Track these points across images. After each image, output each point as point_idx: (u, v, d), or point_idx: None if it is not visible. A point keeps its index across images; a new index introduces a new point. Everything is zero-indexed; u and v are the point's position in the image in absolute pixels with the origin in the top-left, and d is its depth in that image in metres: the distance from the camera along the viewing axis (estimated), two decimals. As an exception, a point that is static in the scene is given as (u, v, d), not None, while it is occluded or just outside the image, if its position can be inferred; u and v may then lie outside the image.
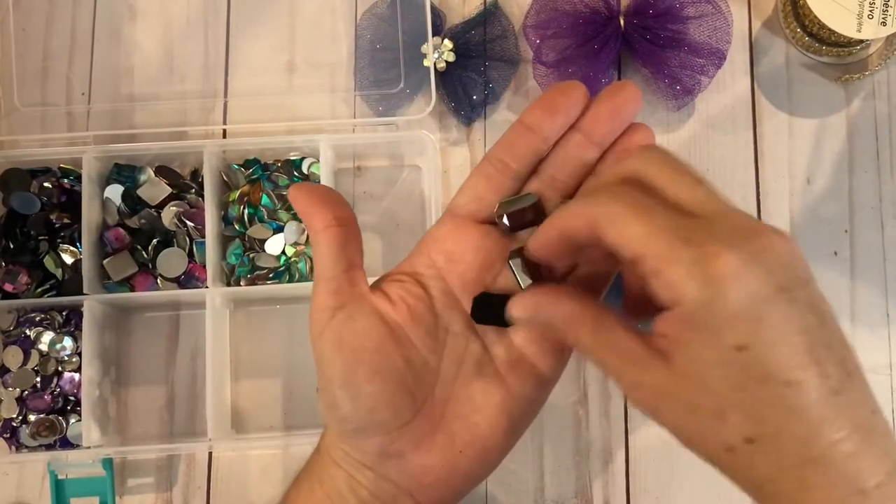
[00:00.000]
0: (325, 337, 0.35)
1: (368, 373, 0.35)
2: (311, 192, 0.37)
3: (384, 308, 0.36)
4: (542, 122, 0.36)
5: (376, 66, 0.56)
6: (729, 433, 0.30)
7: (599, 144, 0.37)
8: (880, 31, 0.52)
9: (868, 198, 0.55)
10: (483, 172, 0.37)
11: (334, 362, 0.35)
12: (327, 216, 0.36)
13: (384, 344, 0.35)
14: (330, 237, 0.36)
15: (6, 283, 0.52)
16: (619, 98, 0.36)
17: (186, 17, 0.58)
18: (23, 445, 0.51)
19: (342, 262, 0.36)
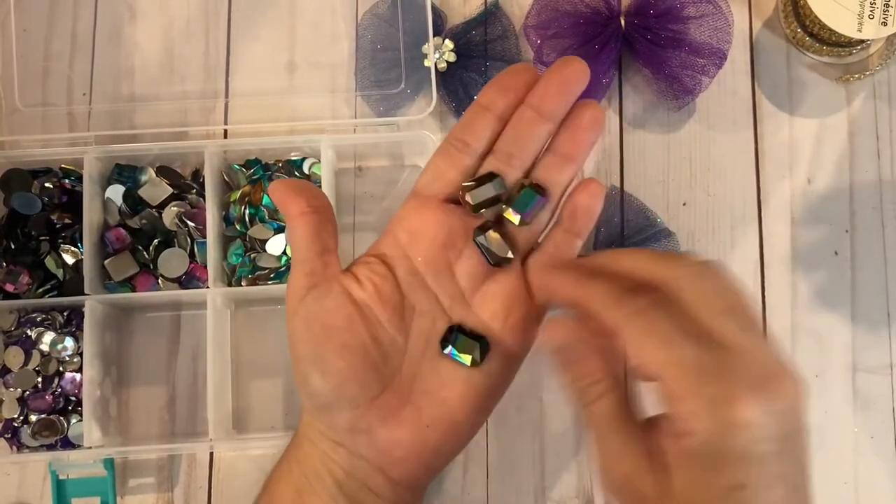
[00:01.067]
0: (297, 315, 0.37)
1: (336, 348, 0.36)
2: (286, 184, 0.38)
3: (352, 288, 0.38)
4: (495, 100, 0.38)
5: (377, 66, 0.56)
6: None
7: (550, 119, 0.38)
8: (881, 30, 0.52)
9: (869, 198, 0.55)
10: (444, 152, 0.39)
11: (305, 339, 0.37)
12: (301, 203, 0.38)
13: (352, 321, 0.37)
14: (305, 223, 0.38)
15: (7, 284, 0.52)
16: (565, 73, 0.38)
17: (187, 17, 0.58)
18: (24, 446, 0.52)
19: (316, 246, 0.38)
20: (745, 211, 0.55)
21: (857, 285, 0.54)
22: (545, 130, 0.38)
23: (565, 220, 0.40)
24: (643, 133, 0.56)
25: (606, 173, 0.55)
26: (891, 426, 0.53)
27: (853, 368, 0.53)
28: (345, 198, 0.56)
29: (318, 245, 0.38)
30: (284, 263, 0.53)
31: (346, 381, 0.37)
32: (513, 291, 0.39)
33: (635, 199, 0.54)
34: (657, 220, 0.54)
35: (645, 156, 0.56)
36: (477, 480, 0.53)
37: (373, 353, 0.37)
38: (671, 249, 0.53)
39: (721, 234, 0.55)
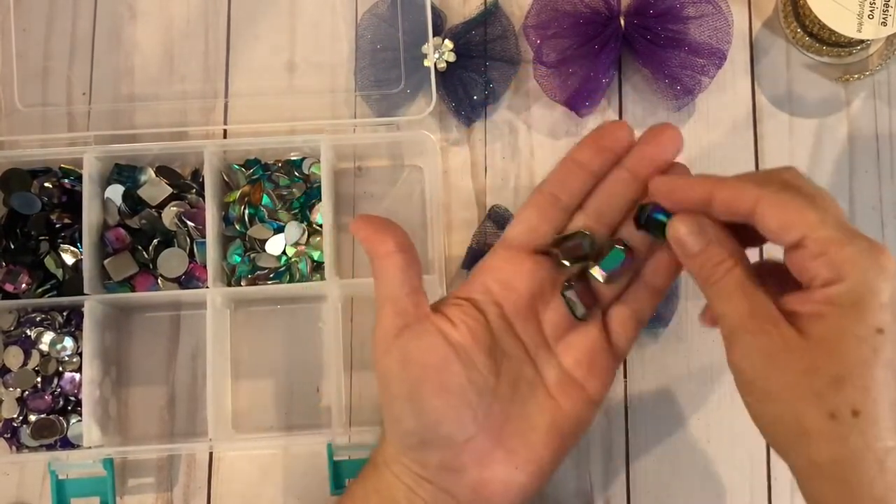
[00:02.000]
0: (391, 355, 0.38)
1: (434, 388, 0.37)
2: (370, 222, 0.40)
3: (446, 328, 0.39)
4: (591, 159, 0.40)
5: (377, 66, 0.56)
6: (841, 400, 0.33)
7: (643, 182, 0.40)
8: (881, 31, 0.52)
9: (868, 198, 0.55)
10: (535, 204, 0.41)
11: (401, 378, 0.37)
12: (389, 243, 0.39)
13: (448, 361, 0.38)
14: (394, 262, 0.39)
15: (7, 284, 0.52)
16: (662, 138, 0.40)
17: (187, 17, 0.58)
18: (23, 445, 0.52)
19: (406, 286, 0.39)
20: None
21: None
22: (636, 192, 0.40)
23: (648, 276, 0.41)
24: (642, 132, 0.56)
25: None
26: None
27: (853, 368, 0.53)
28: (344, 198, 0.56)
29: (407, 284, 0.39)
30: (284, 263, 0.53)
31: (442, 421, 0.38)
32: (594, 343, 0.41)
33: (635, 200, 0.54)
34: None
35: (644, 156, 0.56)
36: (476, 480, 0.53)
37: (468, 394, 0.38)
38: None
39: (721, 234, 0.55)
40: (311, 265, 0.53)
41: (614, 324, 0.41)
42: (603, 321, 0.42)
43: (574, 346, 0.41)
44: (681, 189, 0.38)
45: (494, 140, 0.56)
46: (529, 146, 0.56)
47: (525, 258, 0.40)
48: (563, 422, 0.40)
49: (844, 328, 0.34)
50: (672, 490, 0.52)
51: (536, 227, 0.40)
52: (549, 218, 0.40)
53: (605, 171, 0.40)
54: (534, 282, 0.40)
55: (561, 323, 0.41)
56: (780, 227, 0.35)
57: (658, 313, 0.52)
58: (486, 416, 0.39)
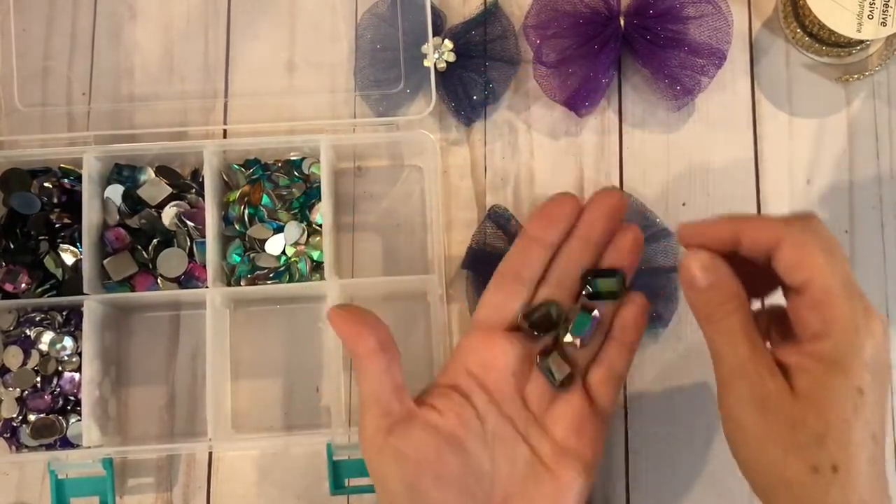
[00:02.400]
0: (384, 455, 0.38)
1: (433, 481, 0.38)
2: (350, 315, 0.40)
3: (435, 420, 0.39)
4: (544, 234, 0.43)
5: (376, 66, 0.56)
6: (823, 456, 0.35)
7: (598, 245, 0.43)
8: (880, 31, 0.52)
9: (868, 198, 0.55)
10: (500, 287, 0.42)
11: (398, 477, 0.38)
12: (371, 340, 0.39)
13: (443, 452, 0.39)
14: (376, 362, 0.39)
15: (6, 283, 0.52)
16: (608, 204, 0.43)
17: (186, 17, 0.58)
18: (23, 445, 0.51)
19: (389, 384, 0.39)
20: (745, 211, 0.55)
21: (856, 285, 0.54)
22: (592, 256, 0.44)
23: (617, 334, 0.44)
24: (642, 133, 0.56)
25: (606, 173, 0.55)
26: (889, 426, 0.53)
27: (852, 369, 0.53)
28: (344, 198, 0.56)
29: (390, 383, 0.39)
30: (283, 263, 0.53)
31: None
32: (580, 409, 0.42)
33: (634, 200, 0.54)
34: (656, 220, 0.54)
35: (644, 156, 0.56)
36: (476, 480, 0.53)
37: (467, 481, 0.39)
38: (670, 250, 0.53)
39: (720, 234, 0.55)
40: (311, 265, 0.53)
41: (595, 385, 0.43)
42: (583, 386, 0.43)
43: (561, 416, 0.42)
44: (709, 229, 0.40)
45: (494, 140, 0.56)
46: (529, 146, 0.56)
47: (499, 337, 0.42)
48: (565, 492, 0.40)
49: (828, 385, 0.36)
50: (672, 490, 0.52)
51: (503, 305, 0.42)
52: (514, 295, 0.42)
53: (560, 242, 0.43)
54: (511, 359, 0.42)
55: (544, 395, 0.42)
56: (793, 264, 0.37)
57: (658, 313, 0.52)
58: (487, 500, 0.39)
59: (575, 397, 0.42)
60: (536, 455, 0.41)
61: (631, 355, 0.44)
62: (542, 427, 0.42)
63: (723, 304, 0.39)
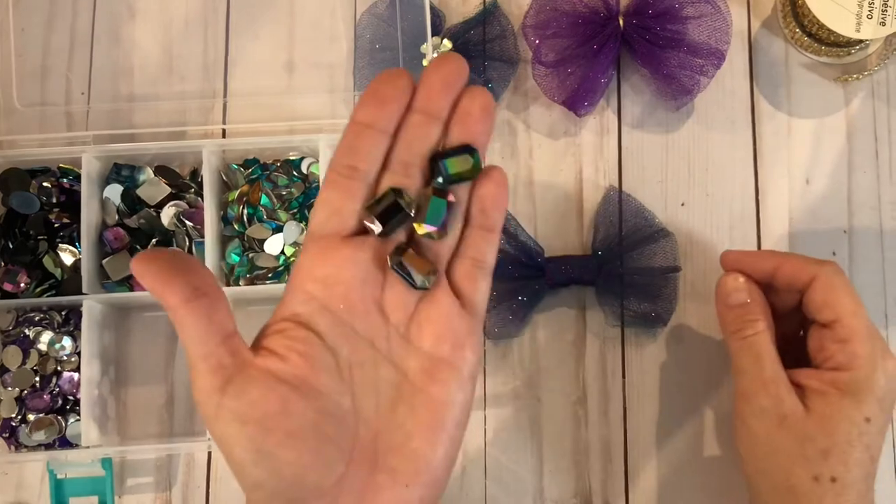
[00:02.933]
0: (222, 418, 0.32)
1: (281, 439, 0.32)
2: (156, 262, 0.32)
3: (275, 366, 0.33)
4: (376, 116, 0.34)
5: (375, 65, 0.56)
6: (825, 468, 0.42)
7: (440, 118, 0.35)
8: (879, 31, 0.52)
9: (867, 198, 0.55)
10: (333, 184, 0.35)
11: (240, 440, 0.32)
12: (184, 289, 0.32)
13: (288, 402, 0.32)
14: (193, 311, 0.32)
15: (5, 283, 0.52)
16: (445, 69, 0.35)
17: (186, 16, 0.58)
18: (22, 445, 0.52)
19: (215, 335, 0.32)
20: (744, 211, 0.55)
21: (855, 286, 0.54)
22: (436, 131, 0.35)
23: (477, 218, 0.36)
24: (642, 133, 0.56)
25: (605, 173, 0.55)
26: (889, 426, 0.53)
27: (851, 369, 0.54)
28: (343, 197, 0.55)
29: (216, 333, 0.32)
30: (283, 263, 0.54)
31: (305, 472, 0.32)
32: (447, 309, 0.35)
33: (633, 200, 0.54)
34: (655, 220, 0.54)
35: (643, 156, 0.56)
36: (476, 481, 0.53)
37: (324, 429, 0.33)
38: (669, 250, 0.53)
39: (719, 234, 0.55)
40: (310, 265, 0.53)
41: (460, 280, 0.36)
42: (448, 284, 0.36)
43: (427, 322, 0.35)
44: (752, 261, 0.47)
45: (493, 140, 0.56)
46: (528, 146, 0.56)
47: (339, 245, 0.34)
48: (444, 412, 0.34)
49: (841, 411, 0.42)
50: (672, 490, 0.52)
51: (340, 207, 0.34)
52: (352, 193, 0.34)
53: (396, 123, 0.35)
54: (358, 268, 0.34)
55: (405, 302, 0.35)
56: (824, 303, 0.44)
57: (657, 313, 0.52)
58: (353, 443, 0.33)
59: (441, 297, 0.35)
60: (403, 375, 0.35)
61: (495, 240, 0.37)
62: (407, 339, 0.35)
63: (753, 322, 0.45)
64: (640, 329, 0.53)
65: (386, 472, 0.33)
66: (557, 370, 0.54)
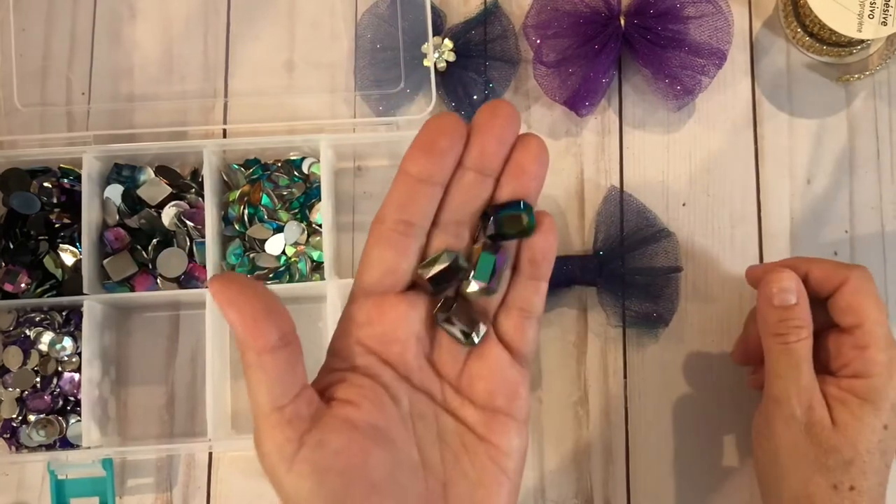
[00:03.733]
0: (297, 472, 0.30)
1: (366, 491, 0.31)
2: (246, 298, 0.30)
3: (353, 414, 0.32)
4: (430, 170, 0.33)
5: (376, 65, 0.56)
6: (844, 477, 0.43)
7: (493, 174, 0.34)
8: (881, 30, 0.52)
9: (868, 198, 0.55)
10: (386, 241, 0.34)
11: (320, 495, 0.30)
12: (273, 334, 0.30)
13: (369, 453, 0.31)
14: (278, 360, 0.30)
15: (6, 284, 0.52)
16: (497, 122, 0.33)
17: (186, 16, 0.58)
18: (23, 446, 0.51)
19: (295, 387, 0.31)
20: (745, 211, 0.55)
21: (856, 285, 0.54)
22: (489, 188, 0.34)
23: (526, 268, 0.36)
24: (643, 133, 0.56)
25: (606, 173, 0.55)
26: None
27: (853, 369, 0.53)
28: (344, 197, 0.55)
29: (293, 385, 0.31)
30: (283, 263, 0.53)
31: None
32: (497, 362, 0.35)
33: (635, 200, 0.54)
34: (656, 221, 0.54)
35: (644, 156, 0.56)
36: (476, 481, 0.53)
37: (403, 480, 0.32)
38: (670, 250, 0.53)
39: (720, 234, 0.55)
40: (311, 265, 0.53)
41: (510, 332, 0.36)
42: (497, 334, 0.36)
43: (478, 376, 0.35)
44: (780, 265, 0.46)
45: (494, 140, 0.56)
46: (529, 146, 0.56)
47: (395, 302, 0.34)
48: (505, 460, 0.34)
49: (863, 419, 0.43)
50: (672, 490, 0.52)
51: (394, 266, 0.34)
52: (407, 251, 0.34)
53: (448, 177, 0.34)
54: (413, 326, 0.34)
55: (455, 357, 0.35)
56: (849, 307, 0.44)
57: (658, 313, 0.52)
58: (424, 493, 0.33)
59: (490, 351, 0.35)
60: (463, 424, 0.35)
61: (543, 289, 0.36)
62: (461, 392, 0.35)
63: (798, 329, 0.44)
64: (641, 329, 0.53)
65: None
66: (559, 370, 0.53)
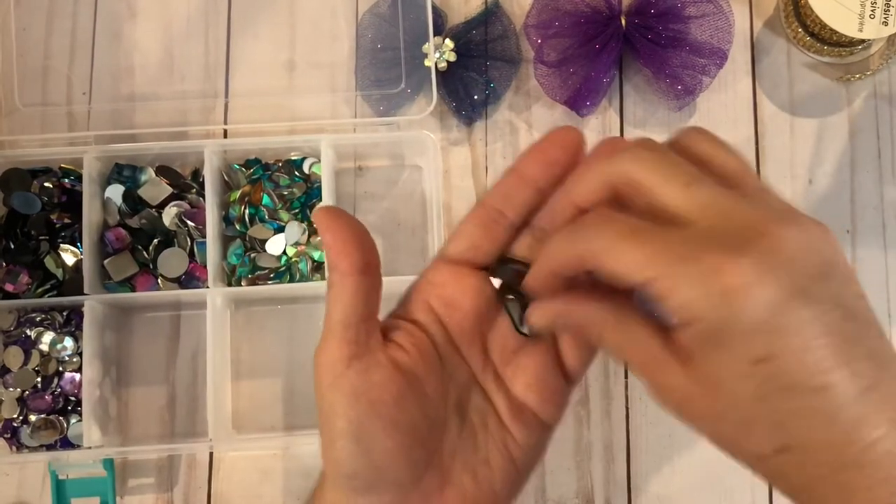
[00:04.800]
0: (338, 387, 0.33)
1: (386, 426, 0.33)
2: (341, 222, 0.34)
3: (401, 358, 0.35)
4: (538, 174, 0.35)
5: (377, 65, 0.56)
6: (757, 444, 0.30)
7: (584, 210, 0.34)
8: (882, 30, 0.52)
9: (869, 198, 0.55)
10: (478, 219, 0.36)
11: (348, 414, 0.33)
12: (358, 260, 0.33)
13: (403, 396, 0.34)
14: (358, 283, 0.34)
15: (7, 284, 0.52)
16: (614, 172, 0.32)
17: (187, 16, 0.58)
18: (23, 446, 0.51)
19: (364, 312, 0.34)
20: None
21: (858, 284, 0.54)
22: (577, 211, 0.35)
23: None
24: (644, 133, 0.56)
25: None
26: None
27: (854, 369, 0.53)
28: (345, 197, 0.55)
29: (365, 310, 0.34)
30: (284, 263, 0.53)
31: (393, 463, 0.34)
32: (544, 365, 0.36)
33: (636, 199, 0.54)
34: (658, 220, 0.54)
35: (645, 156, 0.56)
36: (477, 481, 0.53)
37: (422, 430, 0.34)
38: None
39: (722, 234, 0.55)
40: (312, 265, 0.53)
41: (564, 346, 0.36)
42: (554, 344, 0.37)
43: (523, 369, 0.36)
44: None
45: (495, 140, 0.56)
46: (530, 146, 0.56)
47: (468, 274, 0.36)
48: (518, 452, 0.36)
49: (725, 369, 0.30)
50: (672, 490, 0.52)
51: (479, 244, 0.36)
52: (493, 236, 0.36)
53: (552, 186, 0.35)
54: (479, 300, 0.36)
55: (507, 345, 0.37)
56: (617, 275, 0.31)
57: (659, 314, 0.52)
58: (436, 451, 0.35)
59: (541, 351, 0.36)
60: (492, 407, 0.36)
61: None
62: (502, 379, 0.37)
63: None
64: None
65: (455, 487, 0.35)
66: (559, 370, 0.53)
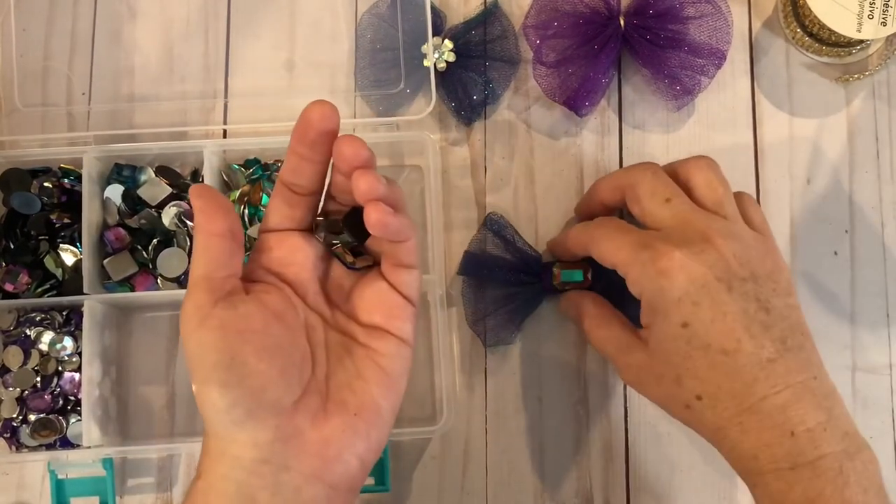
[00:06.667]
0: (206, 325, 0.36)
1: (256, 350, 0.36)
2: (212, 196, 0.38)
3: (264, 297, 0.38)
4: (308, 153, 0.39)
5: (376, 66, 0.56)
6: (684, 394, 0.41)
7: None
8: (880, 31, 0.52)
9: (868, 198, 0.55)
10: (281, 195, 0.40)
11: (218, 347, 0.36)
12: (223, 224, 0.37)
13: (269, 324, 0.37)
14: (221, 244, 0.37)
15: (6, 283, 0.52)
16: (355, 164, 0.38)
17: (187, 17, 0.58)
18: (23, 445, 0.52)
19: (226, 269, 0.37)
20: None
21: (856, 285, 0.54)
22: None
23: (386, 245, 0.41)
24: (642, 133, 0.56)
25: (606, 173, 0.55)
26: (890, 426, 0.53)
27: (852, 369, 0.53)
28: (344, 198, 0.55)
29: (227, 268, 0.37)
30: (284, 263, 0.53)
31: (268, 386, 0.36)
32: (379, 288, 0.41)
33: (635, 199, 0.54)
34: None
35: (644, 156, 0.56)
36: (476, 480, 0.53)
37: (292, 354, 0.38)
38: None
39: (720, 234, 0.55)
40: (311, 265, 0.53)
41: (386, 271, 0.41)
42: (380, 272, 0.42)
43: (362, 298, 0.41)
44: None
45: (494, 140, 0.56)
46: (529, 146, 0.56)
47: (290, 235, 0.41)
48: (384, 361, 0.40)
49: (661, 334, 0.41)
50: (672, 490, 0.52)
51: (289, 214, 0.40)
52: (299, 205, 0.40)
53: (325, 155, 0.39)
54: (308, 253, 0.41)
55: (344, 285, 0.42)
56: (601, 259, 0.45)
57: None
58: (310, 376, 0.39)
59: (373, 278, 0.41)
60: (351, 337, 0.41)
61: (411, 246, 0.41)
62: (347, 314, 0.41)
63: None
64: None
65: (336, 402, 0.39)
66: (558, 370, 0.54)
